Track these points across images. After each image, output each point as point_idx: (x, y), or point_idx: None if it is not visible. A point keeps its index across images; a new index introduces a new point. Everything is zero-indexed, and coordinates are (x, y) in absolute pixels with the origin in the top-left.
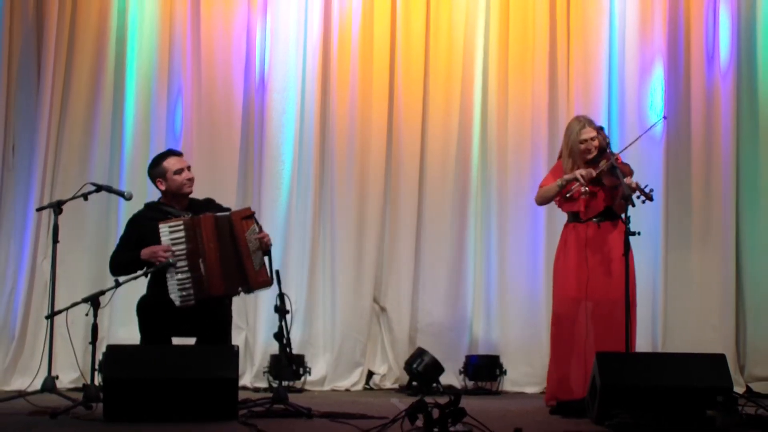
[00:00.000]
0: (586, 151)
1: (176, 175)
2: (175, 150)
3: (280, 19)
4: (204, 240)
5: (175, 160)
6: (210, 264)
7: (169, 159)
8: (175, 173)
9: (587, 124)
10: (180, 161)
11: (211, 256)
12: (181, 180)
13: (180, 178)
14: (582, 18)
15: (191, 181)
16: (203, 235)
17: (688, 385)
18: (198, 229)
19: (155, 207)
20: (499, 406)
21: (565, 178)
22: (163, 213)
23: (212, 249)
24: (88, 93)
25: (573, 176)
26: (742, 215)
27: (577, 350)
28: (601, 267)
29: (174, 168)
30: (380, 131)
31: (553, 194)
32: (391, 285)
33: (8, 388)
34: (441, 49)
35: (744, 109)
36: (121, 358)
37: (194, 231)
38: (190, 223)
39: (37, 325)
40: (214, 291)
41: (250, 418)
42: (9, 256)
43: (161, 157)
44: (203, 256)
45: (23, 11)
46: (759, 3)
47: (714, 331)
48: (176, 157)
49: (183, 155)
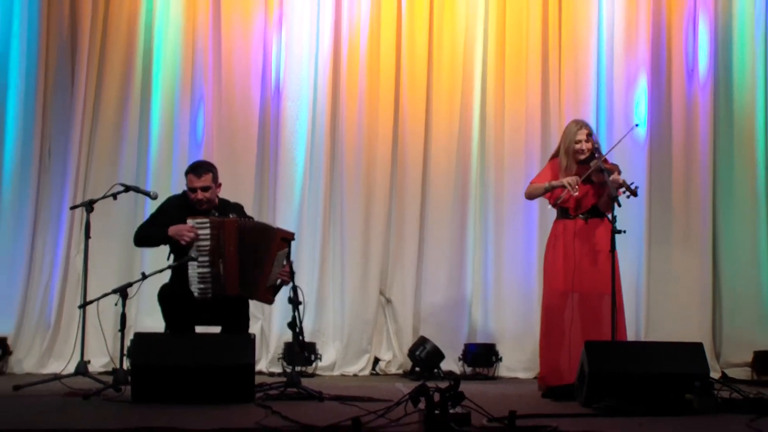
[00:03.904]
0: (579, 151)
1: (191, 192)
2: (197, 167)
3: (293, 33)
4: (225, 242)
5: (192, 177)
6: (229, 266)
7: (189, 175)
8: (190, 190)
9: (583, 126)
10: (194, 180)
11: (231, 259)
12: (194, 198)
13: (192, 195)
14: (572, 33)
15: (201, 202)
16: (225, 238)
17: (668, 372)
18: (222, 231)
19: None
20: (495, 390)
21: (553, 183)
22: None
23: (232, 252)
24: (117, 102)
25: (561, 183)
26: (718, 215)
27: (566, 339)
28: (587, 260)
29: (189, 185)
30: (386, 137)
31: (540, 193)
32: (396, 279)
33: (45, 372)
34: (443, 62)
35: (721, 118)
36: (147, 345)
37: (218, 231)
38: (215, 223)
39: (70, 314)
40: (229, 291)
41: (265, 400)
42: (45, 251)
43: (187, 170)
44: (223, 257)
45: (59, 27)
46: (735, 22)
47: (692, 321)
48: (193, 175)
49: (203, 173)
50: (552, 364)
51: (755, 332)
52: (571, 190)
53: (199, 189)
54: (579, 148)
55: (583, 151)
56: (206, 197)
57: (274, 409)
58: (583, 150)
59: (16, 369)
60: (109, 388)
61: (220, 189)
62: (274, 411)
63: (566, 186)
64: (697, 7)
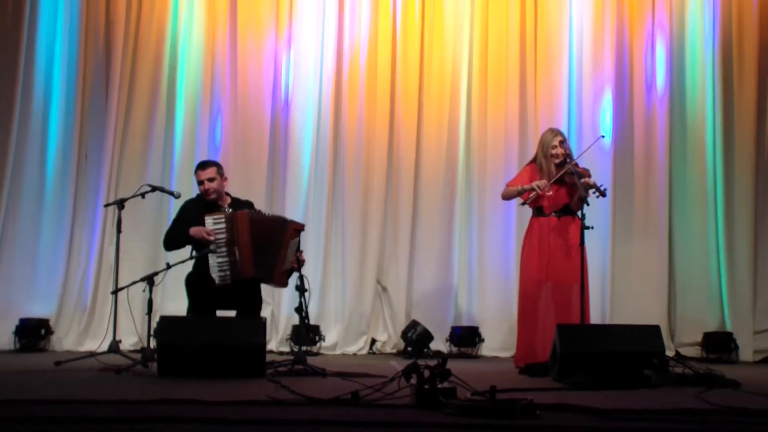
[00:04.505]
0: (555, 155)
1: (199, 185)
2: (202, 163)
3: (301, 52)
4: (239, 232)
5: (199, 172)
6: (243, 253)
7: (197, 171)
8: (198, 183)
9: (558, 134)
10: (201, 174)
11: (245, 247)
12: (202, 189)
13: (201, 187)
14: (546, 53)
15: (208, 192)
16: (239, 228)
17: (629, 351)
18: (235, 223)
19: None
20: (478, 367)
21: (525, 186)
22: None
23: (245, 240)
24: (145, 113)
25: (531, 186)
26: (674, 214)
27: (540, 323)
28: (559, 253)
29: (197, 179)
30: (382, 144)
31: (514, 195)
32: (391, 269)
33: (82, 350)
34: (433, 78)
35: (676, 128)
36: (171, 327)
37: (232, 224)
38: (229, 217)
39: (104, 299)
40: (245, 274)
41: (275, 376)
42: (82, 244)
43: (195, 168)
44: (238, 245)
45: (95, 49)
46: (688, 45)
47: (650, 306)
48: (199, 170)
49: (207, 166)
50: (527, 344)
51: (705, 316)
52: (539, 190)
53: (205, 180)
54: (554, 153)
55: (557, 155)
56: (213, 187)
57: (282, 384)
58: (557, 154)
59: (56, 347)
60: (138, 365)
61: (227, 182)
62: (282, 385)
63: (535, 188)
64: (655, 31)
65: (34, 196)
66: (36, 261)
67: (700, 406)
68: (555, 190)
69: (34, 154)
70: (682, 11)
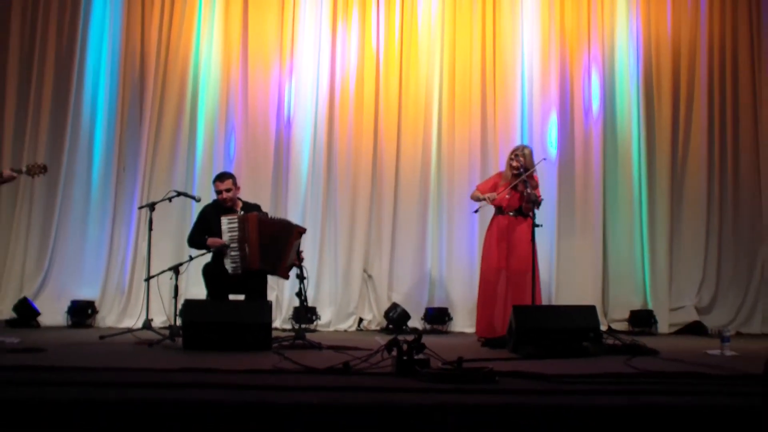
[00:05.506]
0: (513, 167)
1: (218, 194)
2: (221, 175)
3: (300, 81)
4: (249, 231)
5: (218, 183)
6: (251, 248)
7: (215, 182)
8: (217, 192)
9: (517, 150)
10: (219, 185)
11: (253, 243)
12: (220, 198)
13: (219, 196)
14: (503, 83)
15: (226, 200)
16: (249, 228)
17: (571, 327)
18: (246, 224)
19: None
20: (448, 342)
21: (481, 197)
22: (225, 209)
23: (254, 238)
24: (172, 131)
25: (485, 197)
26: (607, 213)
27: (498, 303)
28: (514, 245)
29: (216, 189)
30: (368, 156)
31: (475, 199)
32: (375, 260)
33: (121, 326)
34: (409, 103)
35: (608, 143)
36: (194, 308)
37: (243, 224)
38: (241, 218)
39: (138, 285)
40: (252, 266)
41: (280, 349)
42: (120, 239)
43: (213, 179)
44: (248, 242)
45: (132, 80)
46: (617, 76)
47: (588, 290)
48: (218, 181)
49: (225, 179)
50: (488, 321)
51: (631, 297)
52: (489, 201)
53: (223, 190)
54: (513, 164)
55: (514, 167)
56: (229, 196)
57: (286, 356)
58: (515, 166)
59: (100, 324)
60: (167, 339)
61: (240, 190)
62: (286, 357)
63: (485, 199)
64: (591, 64)
65: (82, 201)
66: (84, 253)
67: (627, 370)
68: (511, 194)
69: (82, 165)
70: (612, 48)
